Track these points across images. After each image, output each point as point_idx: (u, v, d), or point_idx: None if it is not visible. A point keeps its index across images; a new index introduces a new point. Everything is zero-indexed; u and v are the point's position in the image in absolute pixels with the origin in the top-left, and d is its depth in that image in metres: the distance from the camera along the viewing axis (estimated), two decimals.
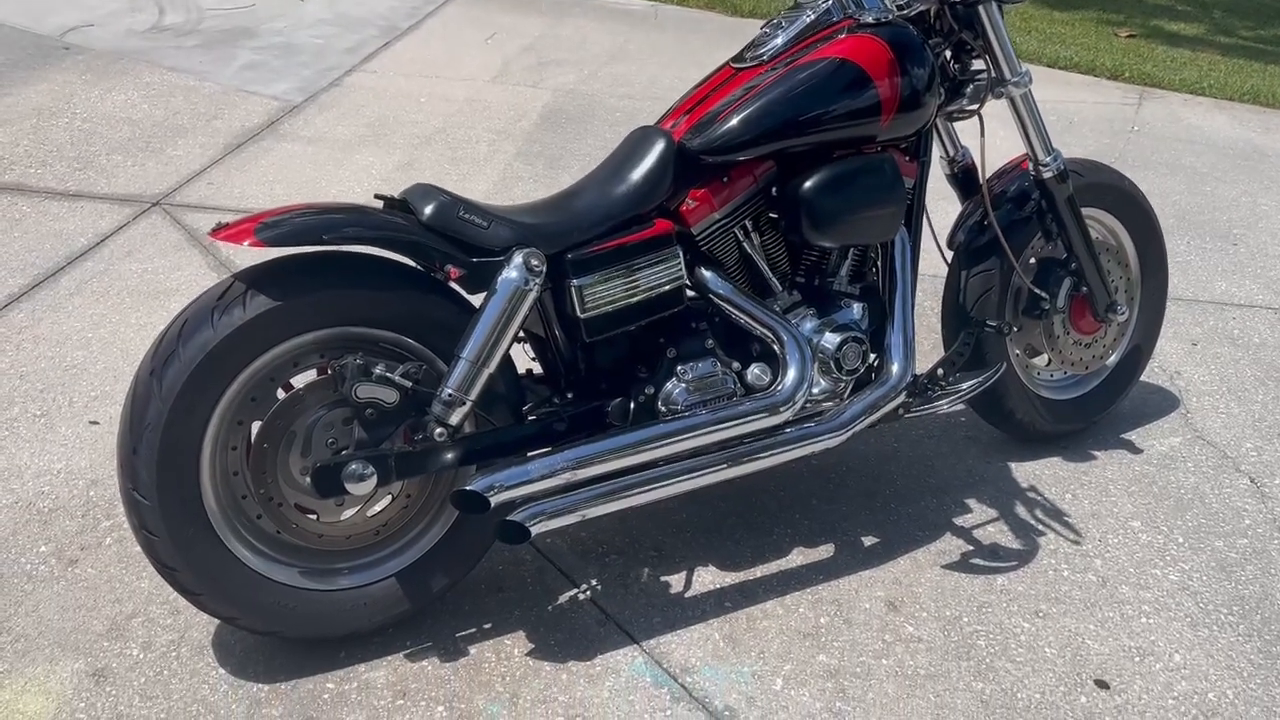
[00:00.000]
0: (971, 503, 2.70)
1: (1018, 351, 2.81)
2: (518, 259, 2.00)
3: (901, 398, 2.39)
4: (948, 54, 2.50)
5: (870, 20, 2.27)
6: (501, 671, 2.13)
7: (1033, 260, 2.74)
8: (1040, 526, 2.63)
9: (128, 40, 5.65)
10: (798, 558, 2.48)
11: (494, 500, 1.99)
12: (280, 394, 1.99)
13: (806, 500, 2.66)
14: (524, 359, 2.30)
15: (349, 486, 1.97)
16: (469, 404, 2.01)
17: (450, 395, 1.99)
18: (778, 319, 2.28)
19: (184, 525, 1.93)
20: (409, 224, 1.99)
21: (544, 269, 2.02)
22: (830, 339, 2.33)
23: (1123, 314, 2.76)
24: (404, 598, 2.13)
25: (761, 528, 2.56)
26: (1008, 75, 2.48)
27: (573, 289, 2.10)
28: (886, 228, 2.35)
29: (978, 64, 2.53)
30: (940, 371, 2.50)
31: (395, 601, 2.13)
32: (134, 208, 3.94)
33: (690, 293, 2.28)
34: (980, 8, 2.40)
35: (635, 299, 2.15)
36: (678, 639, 2.23)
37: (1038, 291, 2.69)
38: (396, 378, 1.98)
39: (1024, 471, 2.83)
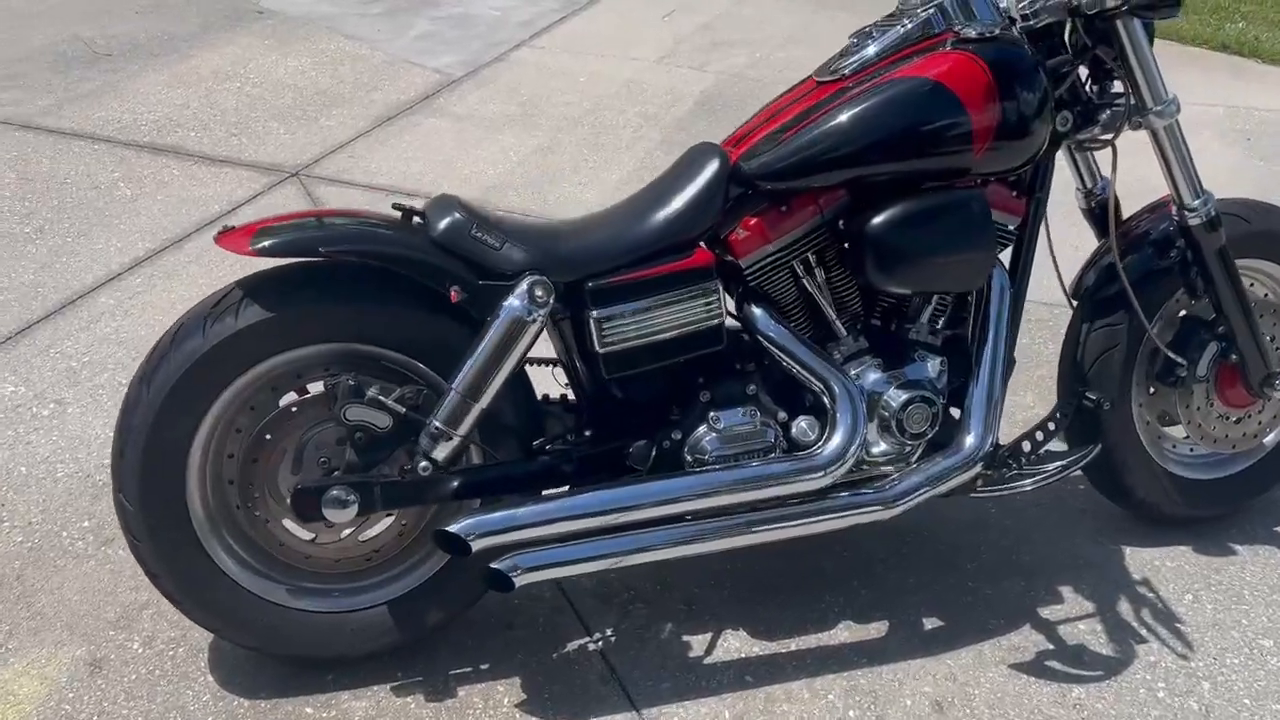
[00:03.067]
0: (1066, 591, 2.34)
1: (1149, 419, 2.41)
2: (522, 286, 1.83)
3: (974, 471, 2.08)
4: (1082, 73, 2.14)
5: (973, 34, 1.95)
6: None
7: (1176, 316, 2.34)
8: (1144, 631, 2.25)
9: (318, 5, 5.80)
10: (843, 633, 2.21)
11: (474, 545, 1.85)
12: (280, 406, 1.91)
13: (870, 564, 2.38)
14: (556, 385, 2.14)
15: (328, 513, 1.87)
16: (456, 438, 1.87)
17: (437, 429, 1.85)
18: (832, 369, 2.02)
19: (167, 532, 1.89)
20: (416, 240, 1.85)
21: (549, 298, 1.84)
22: (895, 396, 2.05)
23: None
24: (394, 628, 2.02)
25: (812, 592, 2.31)
26: (1149, 102, 2.10)
27: (591, 321, 1.91)
28: (968, 276, 2.04)
29: (1119, 86, 2.15)
30: (1026, 445, 2.17)
31: (384, 631, 2.02)
32: (273, 177, 4.02)
33: (740, 331, 2.05)
34: (1118, 21, 2.03)
35: (663, 336, 1.94)
36: (682, 712, 2.03)
37: (1173, 356, 2.29)
38: (390, 402, 1.86)
39: (1140, 559, 2.44)
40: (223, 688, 2.03)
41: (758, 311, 2.03)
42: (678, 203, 1.97)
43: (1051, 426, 2.22)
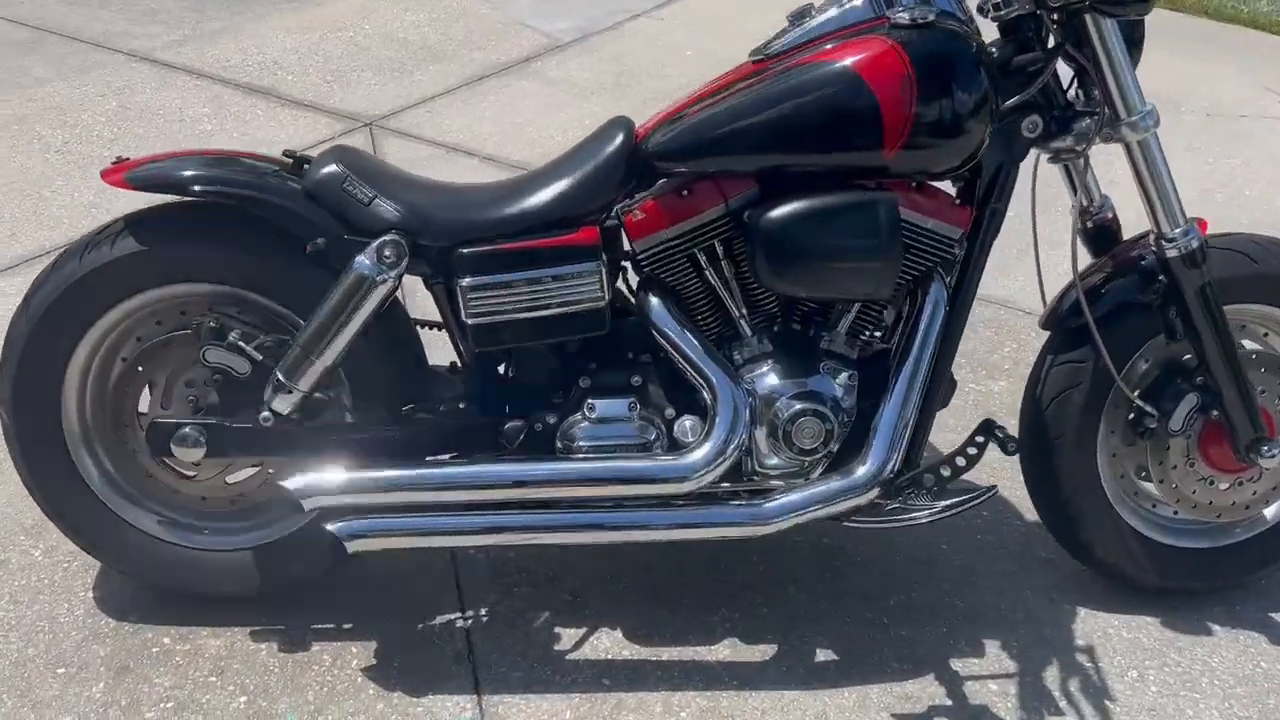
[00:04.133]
0: (992, 646, 2.12)
1: (1123, 472, 2.15)
2: (373, 245, 1.78)
3: (865, 498, 1.90)
4: (1066, 74, 1.91)
5: (905, 20, 1.76)
6: (326, 679, 1.98)
7: (1159, 358, 2.07)
8: (1063, 703, 2.01)
9: None
10: (725, 650, 2.08)
11: (307, 504, 1.82)
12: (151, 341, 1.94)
13: (784, 582, 2.23)
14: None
15: (176, 450, 1.88)
16: (297, 393, 1.84)
17: (278, 380, 1.84)
18: (721, 369, 1.88)
19: (40, 447, 1.95)
20: (287, 187, 1.84)
21: (399, 259, 1.79)
22: (786, 406, 1.89)
23: (1275, 458, 2.02)
24: (254, 575, 2.03)
25: (709, 602, 2.17)
26: (1121, 112, 1.85)
27: (459, 289, 1.84)
28: (867, 285, 1.85)
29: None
30: (929, 477, 1.97)
31: (247, 576, 2.04)
32: (346, 125, 4.11)
33: (635, 319, 1.94)
34: (1087, 16, 1.79)
35: (536, 313, 1.86)
36: (524, 704, 1.95)
37: (1142, 406, 2.02)
38: (249, 348, 1.86)
39: (1093, 624, 2.17)
40: (96, 606, 2.10)
41: (652, 300, 1.91)
42: (571, 177, 1.88)
43: (961, 461, 2.00)
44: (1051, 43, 1.89)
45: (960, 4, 1.85)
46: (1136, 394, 2.02)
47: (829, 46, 1.79)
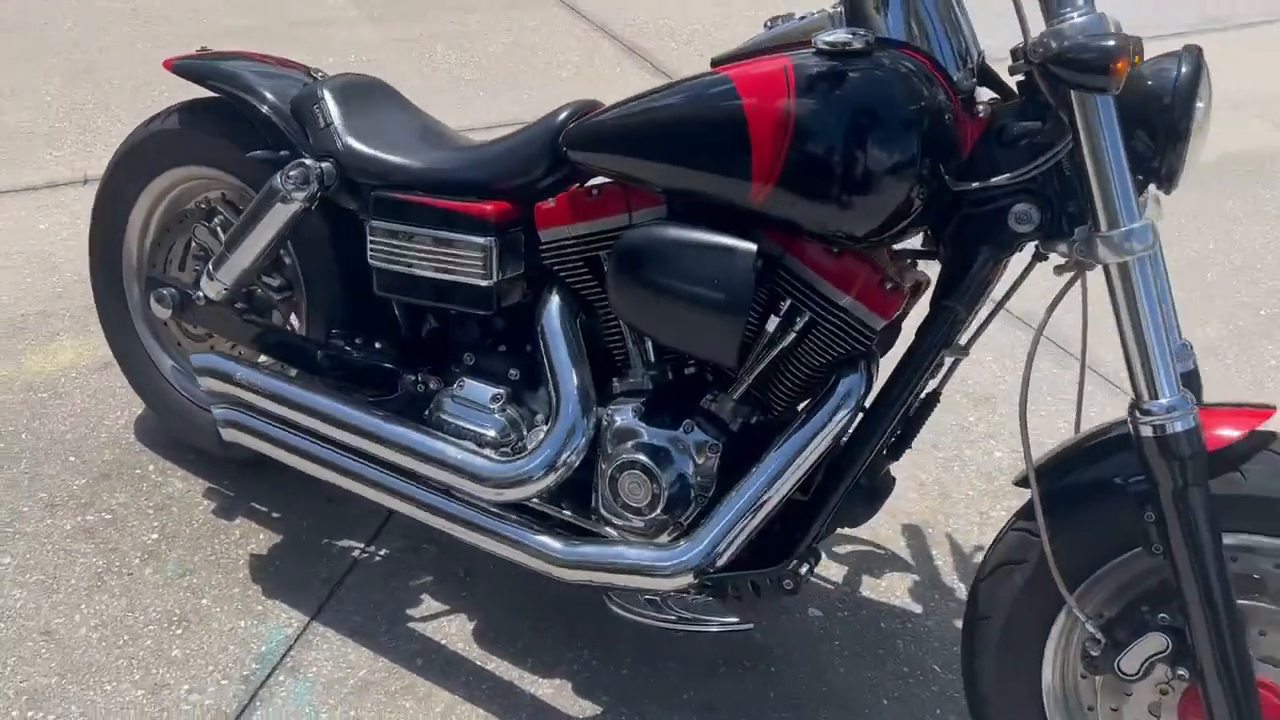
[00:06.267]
0: None
1: (1091, 704, 1.61)
2: (288, 166, 1.85)
3: (665, 584, 1.63)
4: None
5: (827, 42, 1.42)
6: (218, 549, 2.15)
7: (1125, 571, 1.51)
8: None
9: None
10: (546, 688, 1.91)
11: (202, 382, 1.98)
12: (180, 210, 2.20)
13: (663, 642, 1.98)
14: None
15: (152, 303, 2.12)
16: (218, 283, 1.98)
17: (209, 270, 1.99)
18: (576, 383, 1.70)
19: (106, 270, 2.30)
20: (273, 97, 1.96)
21: (305, 184, 1.83)
22: (622, 452, 1.67)
23: None
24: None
25: (579, 634, 2.00)
26: (1102, 223, 1.35)
27: (366, 227, 1.86)
28: (702, 341, 1.55)
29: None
30: (732, 589, 1.62)
31: (213, 438, 2.24)
32: None
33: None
34: (1073, 93, 1.32)
35: (425, 273, 1.81)
36: (337, 645, 1.96)
37: (1093, 632, 1.49)
38: (223, 235, 2.04)
39: None
40: (127, 424, 2.45)
41: (546, 295, 1.77)
42: (503, 150, 1.80)
43: (767, 581, 1.61)
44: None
45: (955, 43, 1.46)
46: (1088, 610, 1.49)
47: (752, 61, 1.52)
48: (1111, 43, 1.24)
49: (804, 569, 1.67)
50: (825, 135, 1.40)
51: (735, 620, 1.66)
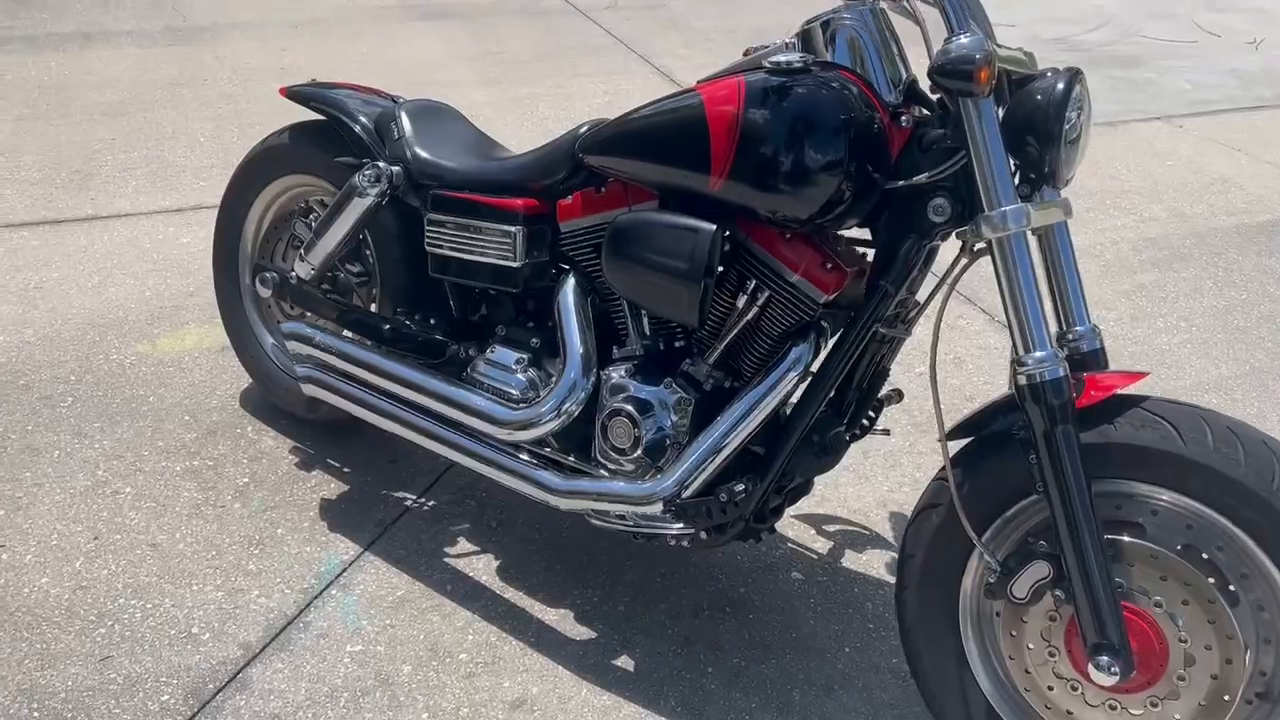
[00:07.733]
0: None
1: (1013, 633, 1.85)
2: (367, 168, 2.27)
3: (644, 508, 1.95)
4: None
5: (772, 63, 1.78)
6: (296, 493, 2.55)
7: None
8: None
9: None
10: (578, 637, 2.23)
11: (290, 346, 2.40)
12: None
13: (696, 611, 2.28)
14: None
15: (257, 285, 2.55)
16: (307, 265, 2.41)
17: (301, 253, 2.42)
18: (581, 346, 2.05)
19: (225, 269, 2.78)
20: (362, 118, 2.40)
21: (379, 184, 2.25)
22: (614, 402, 2.01)
23: (1115, 675, 1.62)
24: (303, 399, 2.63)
25: (596, 588, 2.32)
26: (982, 203, 1.65)
27: (425, 220, 2.27)
28: (668, 304, 1.88)
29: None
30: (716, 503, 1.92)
31: (300, 398, 2.64)
32: None
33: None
34: (960, 100, 1.64)
35: (468, 256, 2.21)
36: (382, 571, 2.33)
37: (989, 560, 1.74)
38: (314, 226, 2.48)
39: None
40: (235, 394, 2.91)
41: (567, 280, 2.13)
42: (534, 156, 2.19)
43: (746, 485, 1.90)
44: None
45: (887, 67, 1.79)
46: (988, 538, 1.75)
47: (721, 78, 1.88)
48: (978, 56, 1.56)
49: (764, 524, 2.00)
50: (767, 136, 1.74)
51: (690, 530, 1.96)
